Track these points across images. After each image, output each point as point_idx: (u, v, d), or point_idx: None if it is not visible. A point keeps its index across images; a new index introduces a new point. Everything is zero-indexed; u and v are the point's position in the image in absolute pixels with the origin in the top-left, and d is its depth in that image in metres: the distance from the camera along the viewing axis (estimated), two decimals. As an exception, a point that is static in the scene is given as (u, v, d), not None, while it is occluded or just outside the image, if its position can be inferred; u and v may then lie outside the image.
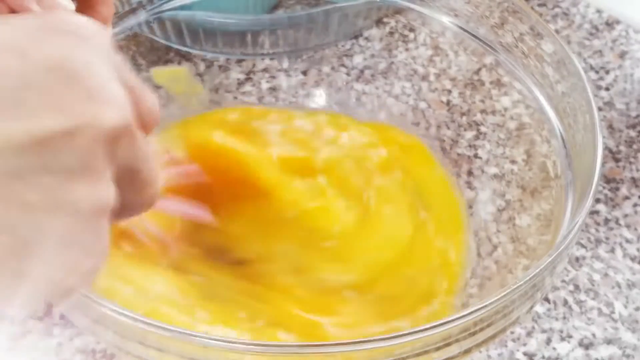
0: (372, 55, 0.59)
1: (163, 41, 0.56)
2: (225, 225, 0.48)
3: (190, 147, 0.51)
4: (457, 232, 0.51)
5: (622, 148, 0.58)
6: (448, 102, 0.56)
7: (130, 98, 0.26)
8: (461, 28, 0.54)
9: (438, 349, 0.37)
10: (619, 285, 0.51)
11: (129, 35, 0.54)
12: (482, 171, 0.54)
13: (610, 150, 0.58)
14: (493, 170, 0.53)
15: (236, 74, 0.59)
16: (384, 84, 0.58)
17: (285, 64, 0.59)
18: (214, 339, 0.35)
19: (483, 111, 0.55)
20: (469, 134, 0.55)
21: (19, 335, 0.47)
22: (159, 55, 0.57)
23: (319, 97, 0.58)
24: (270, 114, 0.56)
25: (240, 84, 0.58)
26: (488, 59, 0.54)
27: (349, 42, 0.60)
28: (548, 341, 0.48)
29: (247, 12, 0.59)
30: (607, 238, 0.53)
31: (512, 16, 0.51)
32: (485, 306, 0.36)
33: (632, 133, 0.59)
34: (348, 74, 0.59)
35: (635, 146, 0.59)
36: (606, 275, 0.52)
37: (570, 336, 0.49)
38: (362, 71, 0.59)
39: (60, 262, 0.24)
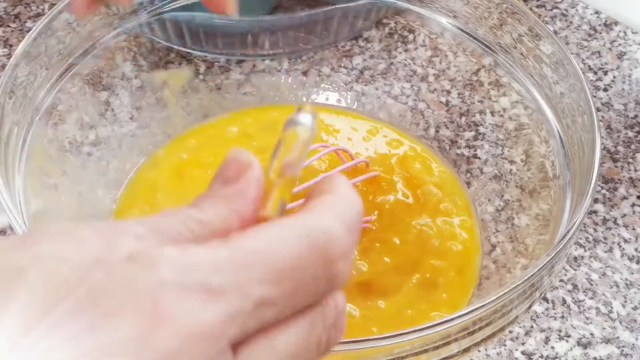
0: (372, 56, 0.59)
1: (164, 42, 0.56)
2: None
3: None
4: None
5: (620, 148, 0.59)
6: (447, 103, 0.57)
7: None
8: (460, 29, 0.55)
9: (437, 347, 0.37)
10: (617, 285, 0.51)
11: (130, 36, 0.54)
12: (481, 171, 0.54)
13: (609, 151, 0.58)
14: (492, 170, 0.53)
15: (236, 74, 0.59)
16: (384, 84, 0.58)
17: (285, 65, 0.59)
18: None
19: (482, 112, 0.55)
20: (468, 135, 0.55)
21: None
22: (159, 56, 0.57)
23: (319, 98, 0.59)
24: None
25: (241, 84, 0.59)
26: (487, 60, 0.54)
27: (348, 43, 0.60)
28: (546, 340, 0.49)
29: (248, 13, 0.59)
30: (605, 238, 0.54)
31: (511, 17, 0.52)
32: (484, 305, 0.37)
33: (630, 133, 0.59)
34: (348, 75, 0.59)
35: (633, 146, 0.59)
36: (604, 274, 0.52)
37: (568, 335, 0.49)
38: (361, 72, 0.59)
39: None
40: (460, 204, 0.52)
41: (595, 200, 0.55)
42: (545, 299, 0.50)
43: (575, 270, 0.52)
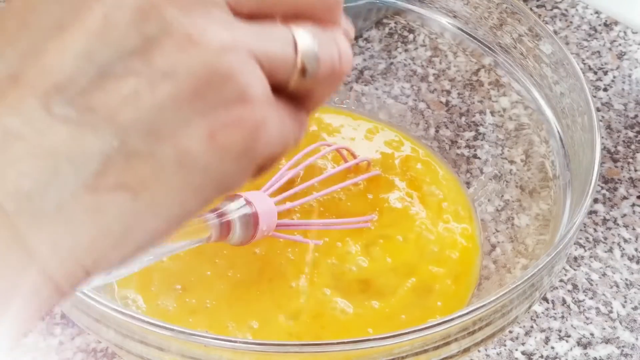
0: (372, 56, 0.59)
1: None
2: None
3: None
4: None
5: (620, 148, 0.59)
6: (447, 103, 0.57)
7: None
8: (460, 29, 0.55)
9: (437, 348, 0.37)
10: (617, 285, 0.51)
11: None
12: (481, 171, 0.54)
13: (609, 151, 0.58)
14: (492, 170, 0.53)
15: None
16: (384, 84, 0.58)
17: (285, 65, 0.59)
18: (214, 338, 0.35)
19: (482, 112, 0.55)
20: (468, 135, 0.55)
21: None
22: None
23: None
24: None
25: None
26: (487, 60, 0.54)
27: (348, 43, 0.60)
28: (546, 340, 0.49)
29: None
30: (605, 238, 0.54)
31: (511, 17, 0.52)
32: (484, 305, 0.37)
33: (630, 133, 0.59)
34: (347, 75, 0.59)
35: (633, 146, 0.59)
36: (604, 274, 0.52)
37: (568, 335, 0.49)
38: (361, 72, 0.59)
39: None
40: (461, 212, 0.52)
41: (595, 200, 0.55)
42: (545, 299, 0.50)
43: (575, 270, 0.52)
